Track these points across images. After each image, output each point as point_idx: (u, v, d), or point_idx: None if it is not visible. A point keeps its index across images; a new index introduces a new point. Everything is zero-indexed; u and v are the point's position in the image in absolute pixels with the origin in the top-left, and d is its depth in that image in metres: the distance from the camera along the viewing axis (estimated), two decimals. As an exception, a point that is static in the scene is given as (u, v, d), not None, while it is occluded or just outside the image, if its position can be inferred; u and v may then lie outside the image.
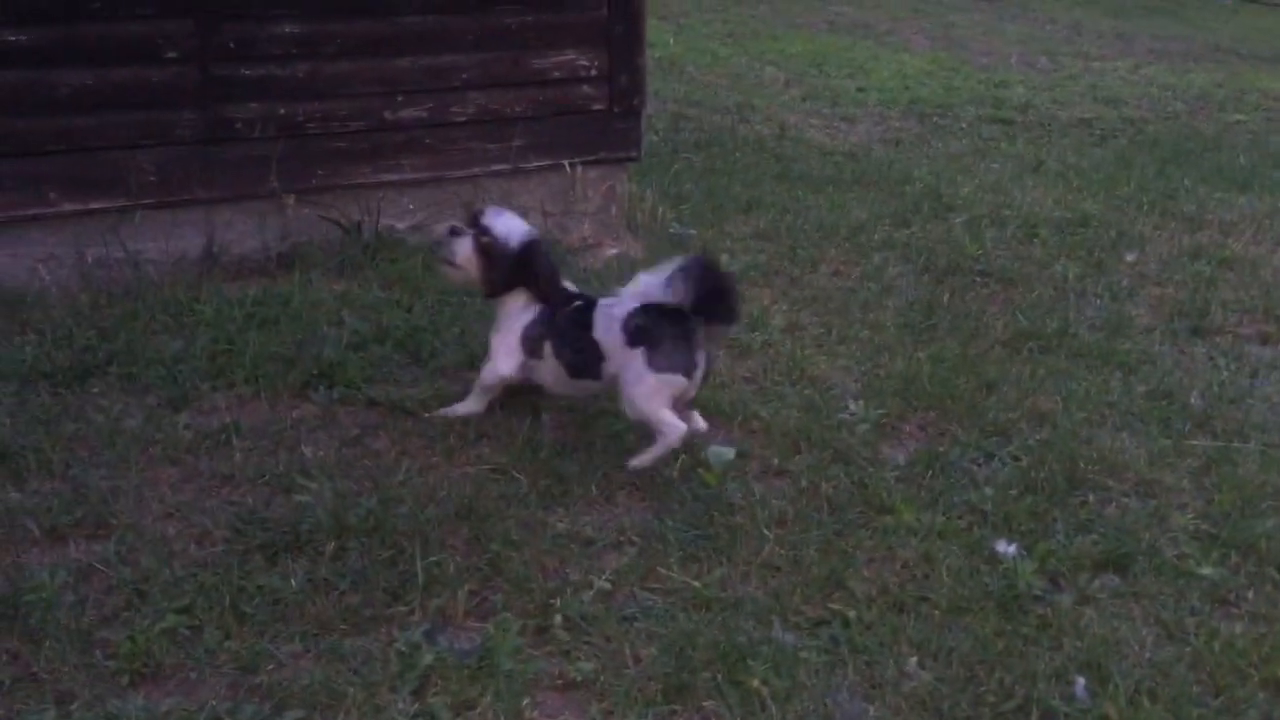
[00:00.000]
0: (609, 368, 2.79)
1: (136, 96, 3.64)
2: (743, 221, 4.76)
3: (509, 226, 2.93)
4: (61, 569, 2.25)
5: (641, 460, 2.73)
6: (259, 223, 3.86)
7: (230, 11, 3.69)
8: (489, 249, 2.91)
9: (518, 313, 2.94)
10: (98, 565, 2.29)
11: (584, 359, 2.84)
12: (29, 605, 2.14)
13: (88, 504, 2.47)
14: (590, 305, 2.87)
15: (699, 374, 2.74)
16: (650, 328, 2.70)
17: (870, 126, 6.88)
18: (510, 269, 2.90)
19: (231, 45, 3.71)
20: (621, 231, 4.44)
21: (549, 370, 2.92)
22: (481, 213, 2.98)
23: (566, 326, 2.88)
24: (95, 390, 3.00)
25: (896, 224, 4.82)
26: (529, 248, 2.92)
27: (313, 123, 3.87)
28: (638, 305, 2.74)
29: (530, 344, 2.92)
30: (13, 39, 3.47)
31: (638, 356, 2.71)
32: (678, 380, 2.70)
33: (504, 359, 2.93)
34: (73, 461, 2.66)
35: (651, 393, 2.70)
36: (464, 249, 2.94)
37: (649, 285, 2.72)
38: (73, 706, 1.93)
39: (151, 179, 3.68)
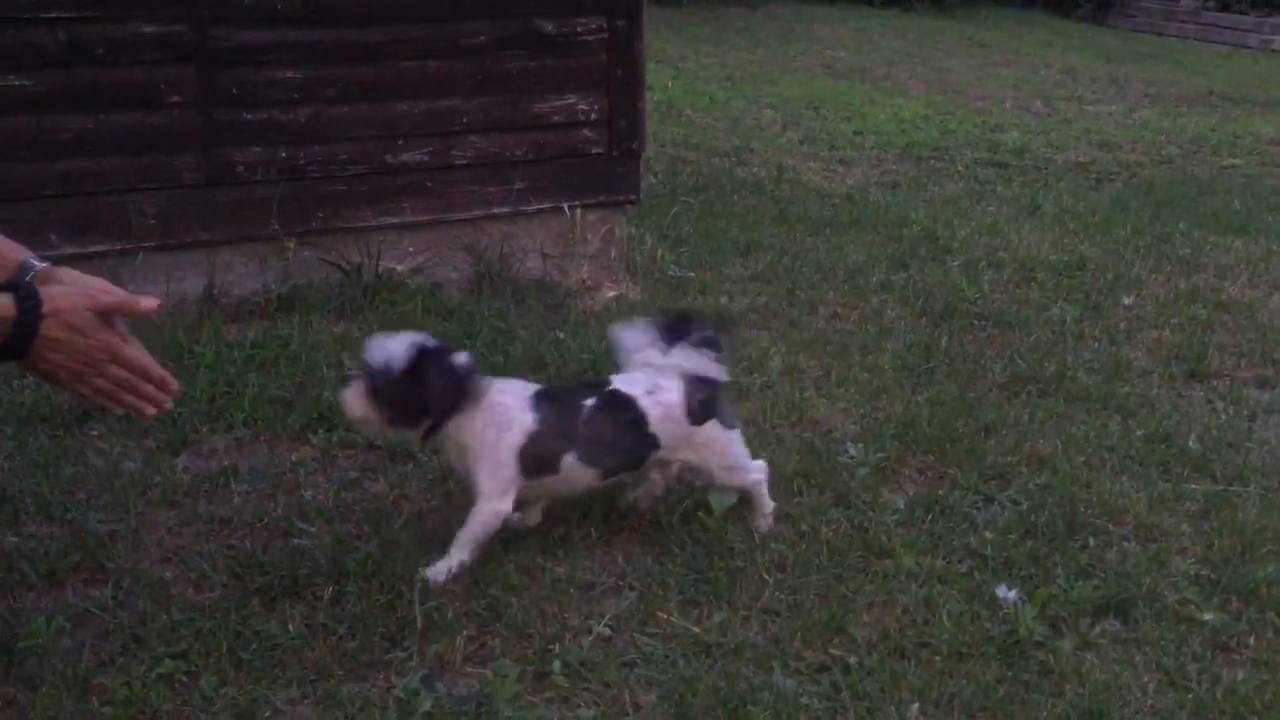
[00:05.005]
0: (659, 455, 2.62)
1: (138, 141, 3.66)
2: (741, 264, 4.78)
3: (387, 350, 2.36)
4: (59, 614, 2.23)
5: (766, 520, 2.74)
6: (259, 265, 3.88)
7: (232, 57, 3.73)
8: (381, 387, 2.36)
9: (500, 426, 2.45)
10: (95, 610, 2.28)
11: (632, 456, 2.60)
12: (25, 651, 2.12)
13: (85, 548, 2.47)
14: (618, 398, 2.56)
15: None
16: (712, 398, 2.63)
17: (867, 169, 6.93)
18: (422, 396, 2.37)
19: (233, 90, 3.74)
20: (620, 274, 4.45)
21: (564, 480, 2.54)
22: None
23: (600, 425, 2.53)
24: (94, 433, 3.00)
25: (894, 266, 4.84)
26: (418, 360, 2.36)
27: (313, 166, 3.90)
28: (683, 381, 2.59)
29: (539, 460, 2.48)
30: (15, 83, 3.50)
31: (714, 426, 2.64)
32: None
33: (502, 494, 2.46)
34: (71, 505, 2.66)
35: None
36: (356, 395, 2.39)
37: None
38: (68, 754, 1.92)
39: (152, 222, 3.70)
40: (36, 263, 1.97)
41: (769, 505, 2.75)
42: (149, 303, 1.91)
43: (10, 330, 1.83)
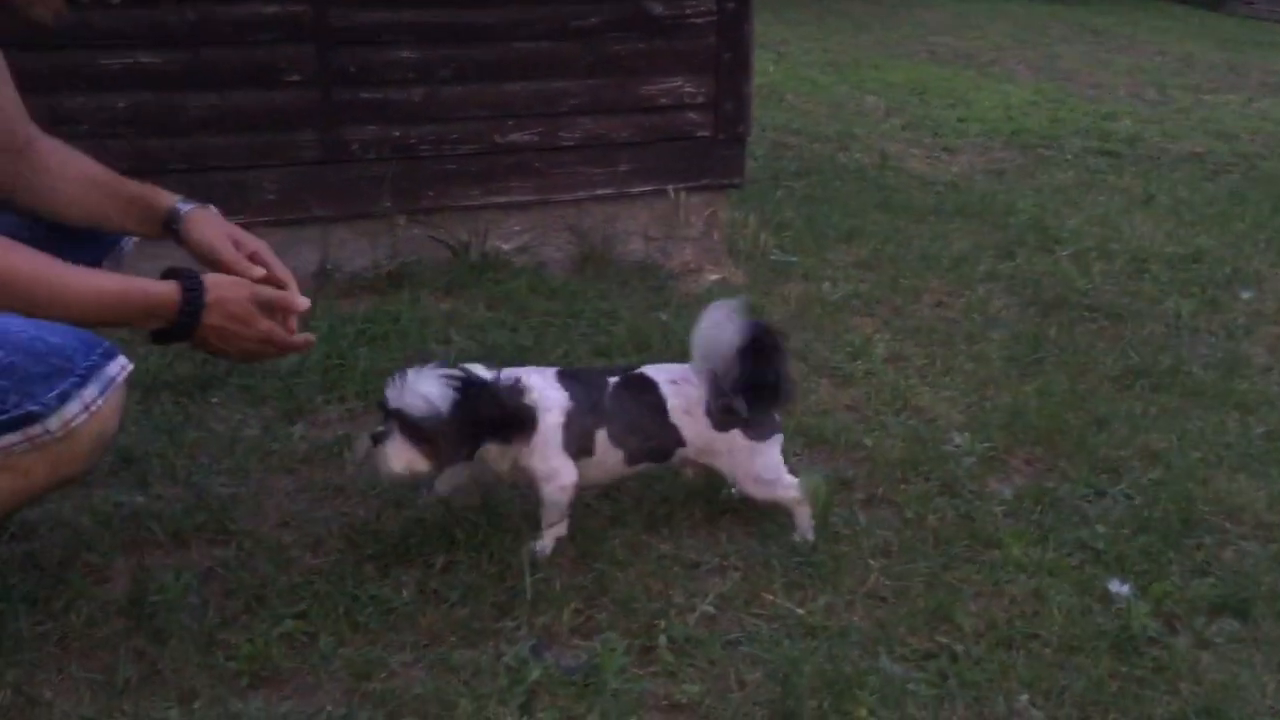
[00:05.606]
0: (686, 453, 2.52)
1: (259, 118, 3.77)
2: (844, 250, 4.75)
3: (424, 391, 2.25)
4: (185, 572, 2.32)
5: (802, 534, 2.58)
6: (371, 241, 3.97)
7: (351, 37, 3.81)
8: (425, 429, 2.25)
9: (540, 408, 2.39)
10: (219, 569, 2.36)
11: (654, 444, 2.49)
12: (154, 606, 2.21)
13: (209, 510, 2.55)
14: (642, 379, 2.51)
15: None
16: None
17: (972, 157, 6.81)
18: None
19: (351, 70, 3.82)
20: (723, 257, 4.45)
21: (597, 463, 2.48)
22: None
23: (623, 402, 2.47)
24: (215, 400, 3.10)
25: (1000, 256, 4.76)
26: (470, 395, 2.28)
27: (425, 145, 3.96)
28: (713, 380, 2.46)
29: (579, 438, 2.43)
30: (146, 61, 3.62)
31: (737, 435, 2.48)
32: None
33: (559, 469, 2.42)
34: (194, 468, 2.76)
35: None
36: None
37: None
38: (195, 705, 1.99)
39: (271, 198, 3.80)
40: (183, 205, 2.14)
41: (806, 520, 2.57)
42: (304, 302, 2.16)
43: (175, 317, 1.98)
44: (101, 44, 3.57)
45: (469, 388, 2.29)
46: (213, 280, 2.05)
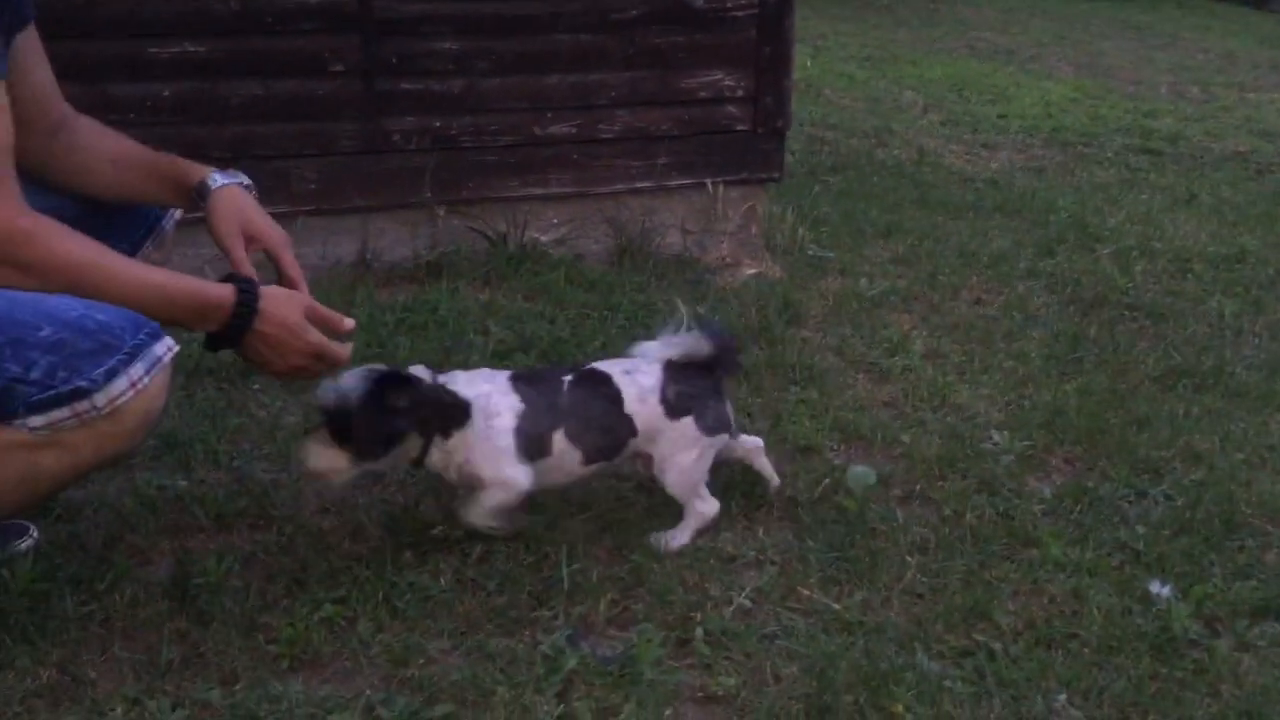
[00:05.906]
0: (637, 444, 2.48)
1: (302, 108, 3.80)
2: (881, 246, 4.73)
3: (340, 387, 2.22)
4: (227, 555, 2.34)
5: (668, 539, 2.52)
6: (410, 232, 3.99)
7: (394, 28, 3.83)
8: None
9: (488, 413, 2.34)
10: (260, 553, 2.39)
11: (610, 438, 2.45)
12: (196, 588, 2.24)
13: (250, 495, 2.58)
14: (600, 376, 2.47)
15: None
16: (693, 393, 2.47)
17: (1012, 154, 6.76)
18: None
19: (394, 60, 3.84)
20: (760, 252, 4.44)
21: (554, 466, 2.42)
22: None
23: (585, 403, 2.43)
24: (257, 387, 3.13)
25: (1040, 253, 4.72)
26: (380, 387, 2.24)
27: (466, 136, 3.98)
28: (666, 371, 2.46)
29: (532, 441, 2.37)
30: (191, 50, 3.66)
31: (689, 425, 2.46)
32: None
33: (512, 469, 2.35)
34: (236, 454, 2.79)
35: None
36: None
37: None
38: (236, 687, 2.01)
39: (312, 187, 3.83)
40: (214, 180, 2.21)
41: (684, 537, 2.51)
42: (349, 322, 2.18)
43: (227, 320, 1.99)
44: (148, 33, 3.60)
45: (380, 379, 2.26)
46: (269, 289, 2.08)
